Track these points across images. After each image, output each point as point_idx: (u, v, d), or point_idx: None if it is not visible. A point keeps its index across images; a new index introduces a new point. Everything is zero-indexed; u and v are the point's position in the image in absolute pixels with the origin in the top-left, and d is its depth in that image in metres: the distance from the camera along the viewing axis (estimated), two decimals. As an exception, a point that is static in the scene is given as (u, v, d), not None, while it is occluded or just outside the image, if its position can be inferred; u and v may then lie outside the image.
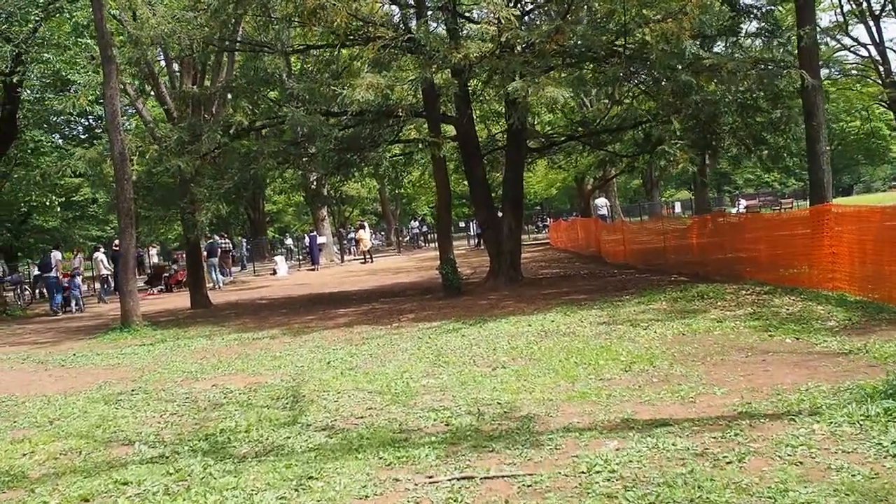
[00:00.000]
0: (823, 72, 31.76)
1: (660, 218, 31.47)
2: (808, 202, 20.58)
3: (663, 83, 16.70)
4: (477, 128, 20.81)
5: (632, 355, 9.36)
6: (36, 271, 33.23)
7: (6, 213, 41.71)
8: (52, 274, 26.53)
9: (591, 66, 17.56)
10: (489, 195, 19.89)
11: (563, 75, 17.10)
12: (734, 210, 52.62)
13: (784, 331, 10.07)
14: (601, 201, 39.70)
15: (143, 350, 14.23)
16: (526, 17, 18.16)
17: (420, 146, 20.33)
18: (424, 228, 57.91)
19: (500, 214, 20.14)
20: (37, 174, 18.63)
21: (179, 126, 18.11)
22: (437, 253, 43.08)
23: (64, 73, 21.82)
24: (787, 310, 11.65)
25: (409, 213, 75.93)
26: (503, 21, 14.59)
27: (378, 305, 18.57)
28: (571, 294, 16.69)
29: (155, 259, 44.81)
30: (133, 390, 10.04)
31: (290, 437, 6.99)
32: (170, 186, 19.37)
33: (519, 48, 15.85)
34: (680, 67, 15.46)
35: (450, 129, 21.06)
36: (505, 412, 7.21)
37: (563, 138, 21.85)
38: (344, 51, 19.64)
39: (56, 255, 27.10)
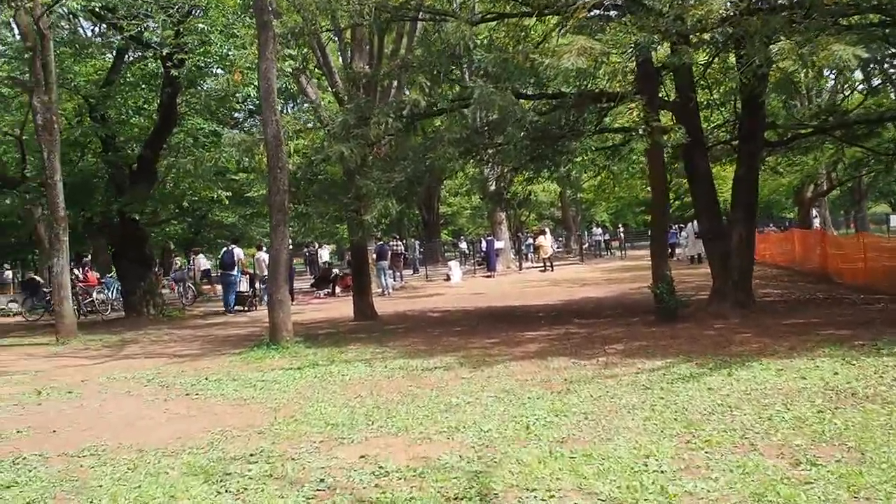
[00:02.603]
0: None
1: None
2: None
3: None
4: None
5: None
6: (202, 265, 31.69)
7: (184, 208, 40.70)
8: (234, 272, 24.62)
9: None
10: (714, 198, 16.19)
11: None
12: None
13: None
14: (813, 212, 35.12)
15: (287, 378, 11.39)
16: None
17: (630, 136, 16.94)
18: (607, 236, 54.05)
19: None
20: (187, 162, 16.33)
21: (345, 108, 15.31)
22: (623, 263, 40.11)
23: (221, 48, 19.50)
24: None
25: (587, 220, 72.17)
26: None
27: (573, 329, 15.26)
28: (828, 328, 12.92)
29: (326, 258, 42.92)
30: (252, 455, 7.07)
31: None
32: (332, 179, 16.70)
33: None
34: None
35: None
36: None
37: (809, 130, 17.76)
38: (538, 25, 16.44)
39: (238, 252, 25.15)
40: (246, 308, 24.94)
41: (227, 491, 6.05)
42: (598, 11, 14.30)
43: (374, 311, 19.59)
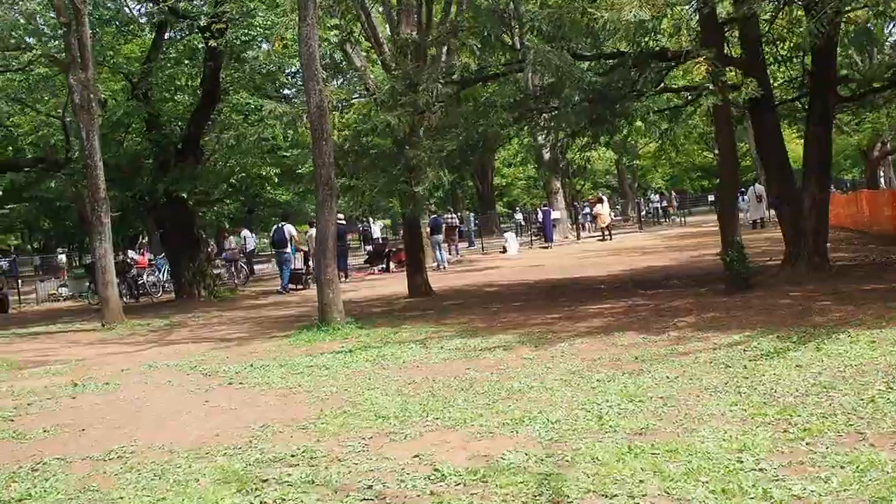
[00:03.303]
0: None
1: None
2: None
3: None
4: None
5: None
6: (249, 245, 31.20)
7: (236, 186, 40.31)
8: (287, 250, 24.10)
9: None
10: (785, 159, 15.17)
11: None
12: None
13: None
14: (880, 172, 33.67)
15: (337, 362, 10.69)
16: None
17: (692, 96, 15.96)
18: (664, 203, 52.73)
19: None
20: (230, 138, 15.63)
21: (392, 75, 14.52)
22: (683, 230, 38.99)
23: (265, 19, 18.77)
24: None
25: (643, 187, 70.77)
26: None
27: (638, 301, 14.40)
28: (916, 293, 11.98)
29: (377, 234, 42.19)
30: (294, 455, 6.34)
31: None
32: (381, 150, 15.94)
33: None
34: None
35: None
36: None
37: (884, 83, 16.57)
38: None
39: (290, 229, 24.57)
40: (301, 286, 24.43)
41: (262, 503, 5.34)
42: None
43: (429, 287, 18.85)
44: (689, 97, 16.77)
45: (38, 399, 9.89)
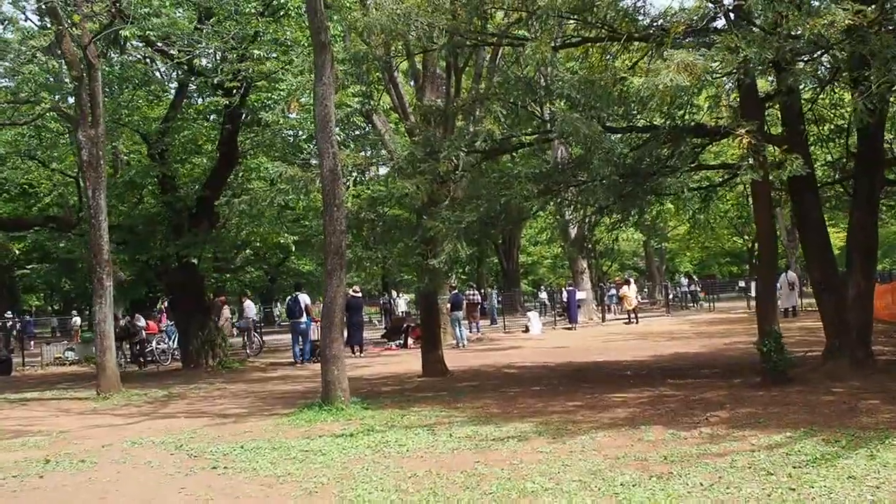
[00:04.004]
0: None
1: None
2: None
3: None
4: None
5: None
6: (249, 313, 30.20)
7: (258, 254, 39.57)
8: (303, 319, 23.16)
9: None
10: (828, 244, 14.19)
11: None
12: None
13: None
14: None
15: (335, 447, 9.72)
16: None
17: (727, 174, 15.09)
18: (693, 287, 51.52)
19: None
20: (241, 202, 14.86)
21: (414, 141, 13.76)
22: (712, 315, 37.83)
23: (276, 74, 18.14)
24: None
25: (671, 270, 69.65)
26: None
27: (666, 391, 13.36)
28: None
29: (403, 308, 41.21)
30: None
31: None
32: (397, 220, 15.10)
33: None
34: None
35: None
36: None
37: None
38: (625, 55, 14.72)
39: (304, 299, 23.64)
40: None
41: None
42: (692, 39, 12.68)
43: (445, 367, 17.84)
44: (724, 176, 15.90)
45: (3, 477, 8.98)
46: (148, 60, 22.51)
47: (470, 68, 19.43)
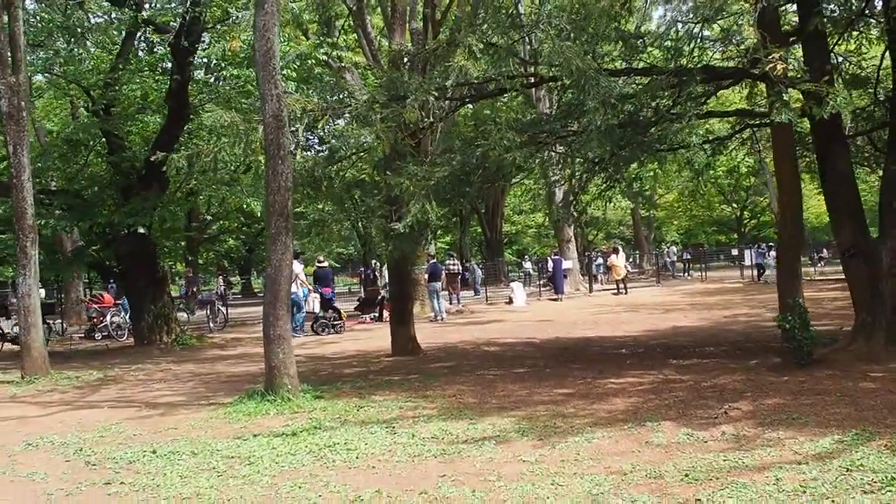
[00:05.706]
0: None
1: None
2: None
3: None
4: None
5: None
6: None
7: (237, 222, 37.39)
8: (293, 290, 21.20)
9: None
10: (858, 204, 12.17)
11: None
12: None
13: None
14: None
15: (269, 454, 7.78)
16: None
17: (737, 125, 13.13)
18: (685, 256, 49.74)
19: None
20: (179, 158, 12.65)
21: (374, 84, 11.72)
22: (704, 286, 36.05)
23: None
24: None
25: (658, 239, 67.94)
26: None
27: (672, 374, 11.46)
28: None
29: (387, 279, 39.20)
30: None
31: None
32: (357, 177, 13.00)
33: None
34: None
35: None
36: None
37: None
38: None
39: (296, 267, 21.61)
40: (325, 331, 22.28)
41: None
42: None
43: (417, 345, 15.85)
44: (737, 127, 13.93)
45: None
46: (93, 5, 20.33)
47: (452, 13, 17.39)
